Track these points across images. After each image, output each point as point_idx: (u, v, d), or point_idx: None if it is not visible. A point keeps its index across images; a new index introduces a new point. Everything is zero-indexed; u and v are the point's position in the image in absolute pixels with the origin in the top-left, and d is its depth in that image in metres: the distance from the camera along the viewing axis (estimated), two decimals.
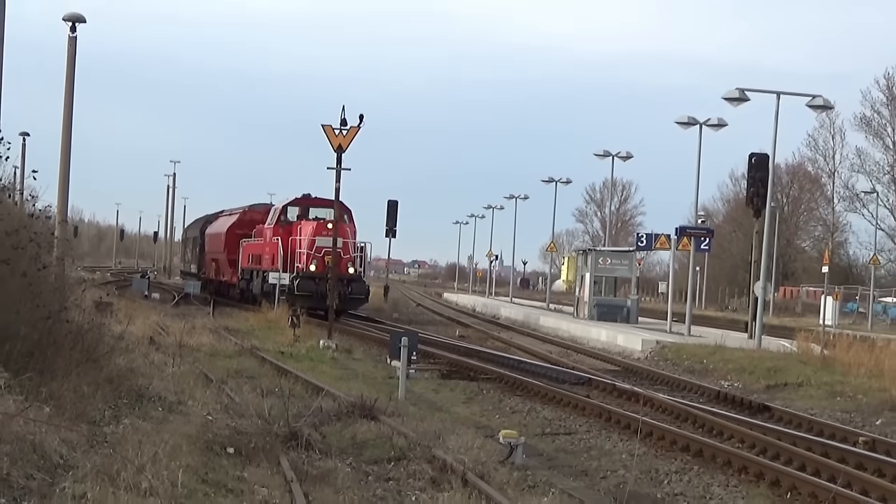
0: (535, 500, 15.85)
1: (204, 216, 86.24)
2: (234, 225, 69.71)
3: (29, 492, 11.94)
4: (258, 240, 63.64)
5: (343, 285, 53.28)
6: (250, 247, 64.81)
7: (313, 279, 54.01)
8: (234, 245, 67.59)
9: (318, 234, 55.40)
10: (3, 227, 19.49)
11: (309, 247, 54.59)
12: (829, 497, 17.79)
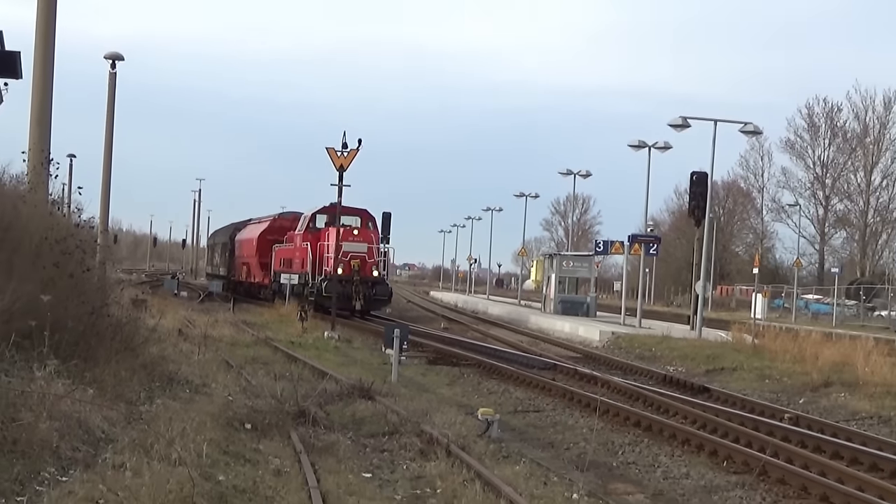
0: (508, 469, 15.81)
1: (231, 224, 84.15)
2: (266, 231, 67.18)
3: (75, 462, 11.90)
4: (289, 245, 61.23)
5: (368, 287, 52.77)
6: (282, 251, 62.39)
7: (340, 282, 50.38)
8: (266, 250, 65.29)
9: (344, 239, 52.16)
10: (53, 236, 19.48)
11: (336, 251, 50.81)
12: (759, 465, 17.80)
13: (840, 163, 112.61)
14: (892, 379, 30.11)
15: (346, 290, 51.17)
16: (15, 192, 22.09)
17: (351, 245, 52.66)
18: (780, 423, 22.56)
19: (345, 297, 50.63)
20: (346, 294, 51.04)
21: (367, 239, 54.50)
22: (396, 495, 14.09)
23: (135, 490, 11.01)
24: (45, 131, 23.70)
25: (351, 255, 52.44)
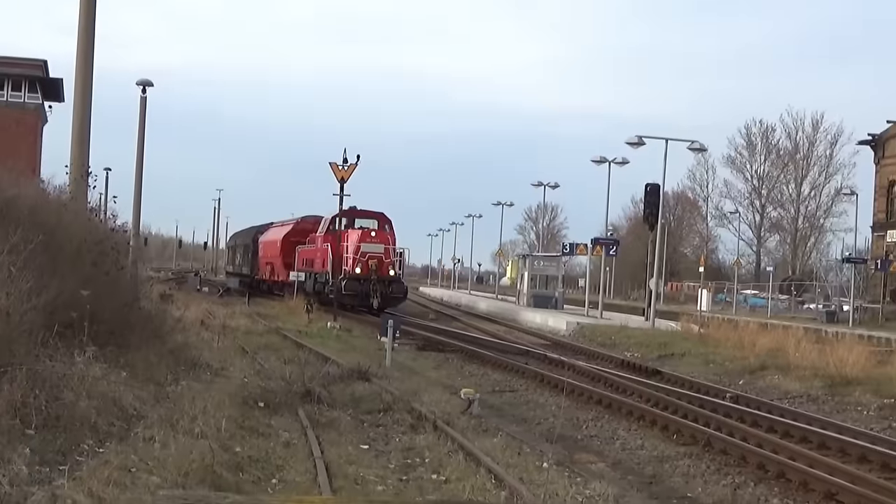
0: (487, 441, 15.81)
1: (252, 227, 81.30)
2: (289, 233, 63.15)
3: (110, 435, 11.88)
4: (311, 246, 57.50)
5: (385, 286, 49.72)
6: (304, 252, 58.57)
7: (358, 280, 48.58)
8: (290, 250, 61.13)
9: (363, 241, 50.03)
10: (91, 239, 19.47)
11: (355, 252, 49.04)
12: (704, 437, 17.85)
13: (774, 176, 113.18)
14: (819, 363, 30.16)
15: (365, 288, 48.74)
16: (58, 201, 22.06)
17: (369, 246, 50.12)
18: (722, 401, 22.60)
19: (363, 296, 48.63)
20: (365, 292, 48.68)
21: (384, 240, 51.47)
22: (390, 464, 14.09)
23: (163, 460, 11.02)
24: (84, 148, 23.67)
25: (369, 255, 49.75)
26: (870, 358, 30.84)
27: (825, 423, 19.98)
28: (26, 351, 12.31)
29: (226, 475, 11.47)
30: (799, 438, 18.05)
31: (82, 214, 22.01)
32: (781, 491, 14.44)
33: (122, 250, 23.05)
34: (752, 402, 22.93)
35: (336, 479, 12.45)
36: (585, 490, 12.96)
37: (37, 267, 14.10)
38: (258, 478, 12.11)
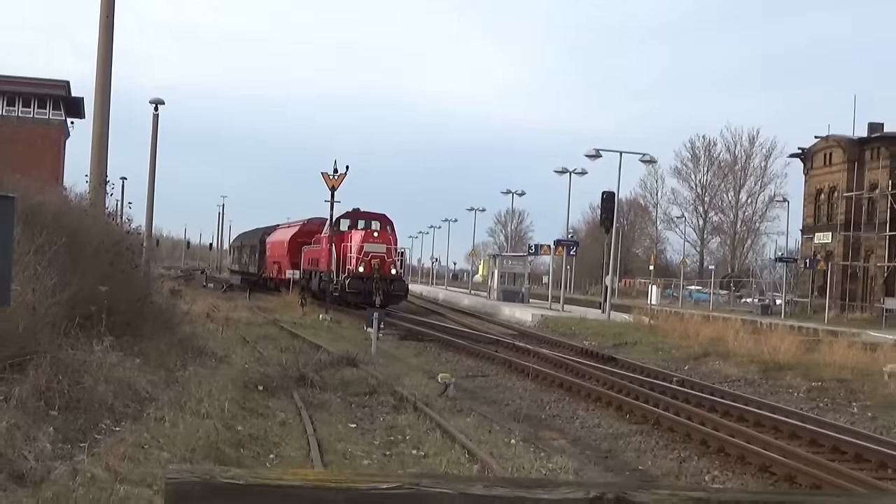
0: (461, 420, 15.82)
1: (259, 228, 78.84)
2: (296, 234, 59.64)
3: (126, 415, 11.86)
4: (316, 246, 53.71)
5: (387, 284, 46.47)
6: (310, 252, 54.95)
7: (361, 279, 45.70)
8: (296, 250, 57.80)
9: (365, 241, 47.02)
10: (109, 240, 19.47)
11: (358, 252, 46.01)
12: (654, 417, 17.90)
13: (715, 185, 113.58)
14: (755, 351, 30.30)
15: (368, 286, 45.66)
16: (79, 207, 22.05)
17: (372, 246, 46.94)
18: (669, 384, 22.66)
19: (366, 293, 45.35)
20: (368, 290, 45.50)
21: (385, 241, 48.31)
22: (375, 441, 14.09)
23: (172, 437, 11.01)
24: (102, 159, 23.65)
25: (372, 255, 46.58)
26: (799, 346, 31.01)
27: (760, 403, 20.08)
28: (50, 340, 12.29)
29: (228, 451, 11.48)
30: (737, 417, 18.12)
31: (100, 219, 22.04)
32: (721, 464, 14.51)
33: (136, 251, 23.14)
34: (695, 385, 23.00)
35: (327, 455, 12.46)
36: (548, 463, 12.99)
37: (60, 266, 14.06)
38: (257, 453, 12.11)
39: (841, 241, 73.54)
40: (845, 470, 13.45)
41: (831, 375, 25.66)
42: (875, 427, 18.32)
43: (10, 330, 11.13)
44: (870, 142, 72.84)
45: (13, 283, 9.35)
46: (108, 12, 23.18)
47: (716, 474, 13.98)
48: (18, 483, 8.01)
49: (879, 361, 26.83)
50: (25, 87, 73.51)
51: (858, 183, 72.75)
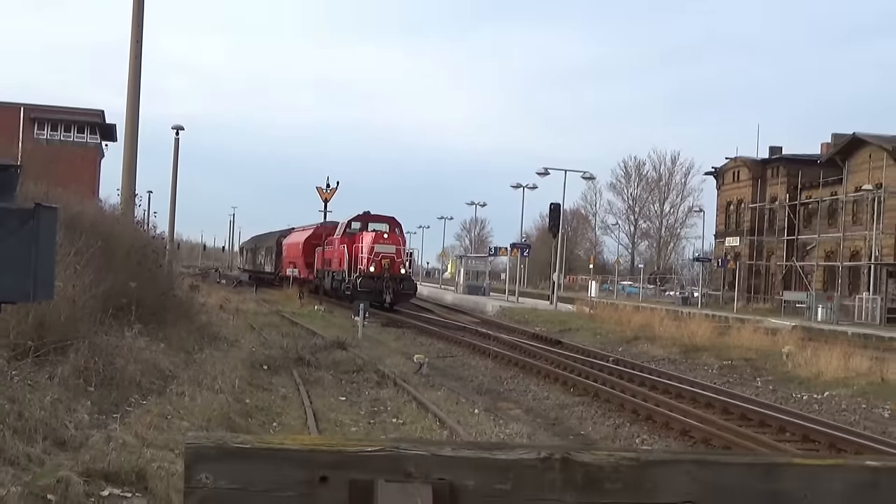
0: (433, 393, 15.84)
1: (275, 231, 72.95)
2: (310, 237, 55.04)
3: (152, 391, 11.81)
4: (328, 248, 49.35)
5: (396, 283, 41.93)
6: (323, 253, 50.62)
7: (372, 278, 41.16)
8: (310, 252, 53.82)
9: (376, 242, 42.45)
10: (137, 244, 19.43)
11: (369, 252, 41.60)
12: (593, 390, 17.97)
13: (644, 197, 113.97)
14: (677, 335, 30.49)
15: (378, 285, 41.20)
16: (112, 216, 21.94)
17: (382, 247, 42.31)
18: (606, 363, 22.76)
19: (377, 292, 40.68)
20: (378, 289, 41.01)
21: (395, 242, 43.82)
22: (361, 411, 14.08)
23: (191, 409, 10.96)
24: (131, 176, 23.53)
25: (382, 255, 41.91)
26: (713, 331, 31.25)
27: (681, 379, 20.22)
28: (88, 328, 12.24)
29: (238, 420, 11.45)
30: (662, 390, 18.24)
31: (130, 226, 21.96)
32: (649, 429, 14.60)
33: (160, 252, 23.09)
34: (627, 364, 23.13)
35: (321, 423, 12.44)
36: (506, 429, 13.01)
37: (96, 265, 13.98)
38: (263, 422, 12.07)
39: (747, 244, 74.11)
40: (751, 433, 13.56)
41: (739, 355, 25.86)
42: (775, 398, 18.50)
43: (54, 319, 11.06)
44: (770, 162, 73.59)
45: (56, 279, 9.30)
46: (136, 54, 23.12)
47: (645, 437, 14.07)
48: (61, 448, 7.95)
49: (779, 344, 27.05)
50: (67, 116, 73.72)
51: (761, 196, 73.36)
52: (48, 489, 6.56)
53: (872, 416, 16.50)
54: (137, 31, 22.96)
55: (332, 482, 1.75)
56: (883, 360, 22.04)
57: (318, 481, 1.75)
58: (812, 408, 17.29)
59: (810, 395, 19.07)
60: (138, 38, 23.02)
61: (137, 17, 22.85)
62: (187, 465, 1.75)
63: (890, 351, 25.58)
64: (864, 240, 60.30)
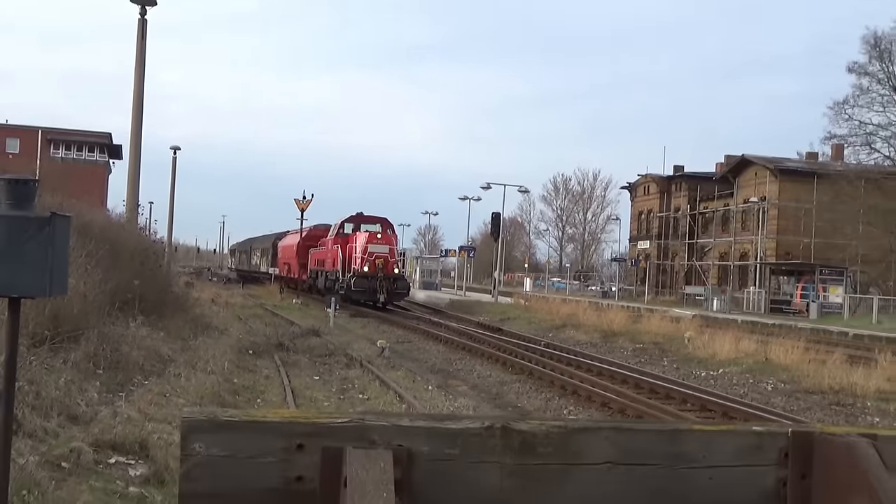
0: (394, 373, 15.80)
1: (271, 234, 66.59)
2: (304, 238, 49.53)
3: (153, 373, 11.66)
4: (321, 248, 44.42)
5: (390, 282, 37.17)
6: (317, 254, 45.58)
7: (366, 278, 36.45)
8: (304, 252, 48.06)
9: (370, 242, 37.48)
10: (140, 247, 19.20)
11: (363, 252, 36.88)
12: (528, 369, 18.01)
13: (570, 208, 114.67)
14: (598, 322, 30.73)
15: (372, 284, 36.49)
16: (118, 223, 21.63)
17: (375, 247, 37.27)
18: (539, 346, 22.83)
19: (370, 291, 36.55)
20: (372, 288, 36.48)
21: (388, 241, 38.39)
22: (332, 388, 13.99)
23: (186, 388, 10.85)
24: (135, 189, 23.18)
25: (376, 255, 37.02)
26: (627, 319, 31.54)
27: (601, 359, 20.32)
28: (97, 319, 12.05)
29: (227, 397, 11.34)
30: (586, 369, 18.34)
31: (134, 232, 21.68)
32: (575, 402, 14.66)
33: (160, 254, 22.88)
34: (556, 347, 23.20)
35: (298, 399, 12.35)
36: (455, 403, 13.03)
37: (104, 265, 13.77)
38: (248, 398, 11.96)
39: (655, 246, 75.01)
40: (659, 405, 13.68)
41: (649, 339, 26.13)
42: (679, 375, 18.69)
43: (67, 312, 10.87)
44: (674, 178, 74.58)
45: (70, 277, 9.14)
46: (139, 84, 22.80)
47: (571, 409, 14.13)
48: (73, 422, 7.83)
49: (681, 329, 27.39)
50: (79, 137, 73.21)
51: (667, 206, 74.29)
52: (62, 458, 6.47)
53: (758, 389, 16.75)
54: (140, 65, 22.66)
55: (308, 449, 1.74)
56: (767, 342, 22.39)
57: (295, 448, 1.74)
58: (709, 383, 17.48)
59: (707, 372, 19.31)
60: (141, 71, 22.74)
61: (140, 53, 22.55)
62: (183, 436, 1.74)
63: (772, 335, 26.00)
64: (751, 243, 61.36)
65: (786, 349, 20.52)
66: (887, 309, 44.45)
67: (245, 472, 1.73)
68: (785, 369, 18.65)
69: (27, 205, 3.77)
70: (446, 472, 1.78)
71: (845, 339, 29.34)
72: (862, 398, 15.44)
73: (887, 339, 27.05)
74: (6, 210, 3.74)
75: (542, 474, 1.81)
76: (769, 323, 34.94)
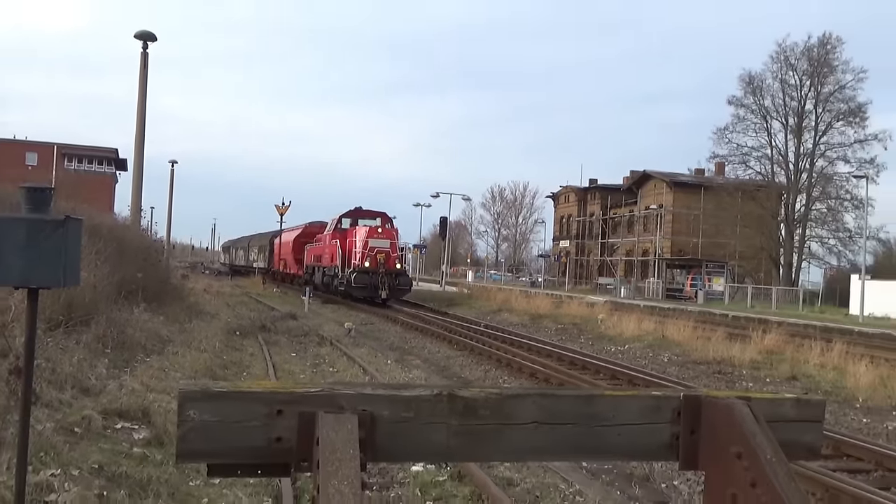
0: (358, 350, 15.70)
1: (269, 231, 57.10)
2: (299, 235, 43.36)
3: (154, 351, 11.43)
4: (318, 244, 38.09)
5: (392, 278, 31.26)
6: (313, 250, 38.98)
7: (367, 273, 30.74)
8: (300, 249, 42.06)
9: (370, 236, 31.43)
10: (142, 245, 18.83)
11: (363, 247, 31.06)
12: (470, 346, 18.03)
13: (505, 213, 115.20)
14: (527, 307, 30.96)
15: (373, 280, 30.64)
16: (124, 225, 21.15)
17: (376, 241, 31.27)
18: (479, 327, 22.90)
19: (372, 287, 30.71)
20: (374, 284, 30.65)
21: (389, 236, 32.14)
22: (307, 363, 13.85)
23: (182, 363, 10.67)
24: (138, 196, 22.67)
25: (377, 250, 31.04)
26: (551, 304, 31.84)
27: (530, 337, 20.44)
28: (105, 306, 11.78)
29: (218, 371, 11.16)
30: (517, 345, 18.44)
31: (137, 232, 21.25)
32: (508, 372, 14.73)
33: (160, 251, 22.48)
34: (494, 328, 23.29)
35: (278, 372, 12.21)
36: (409, 374, 13.01)
37: (111, 261, 13.46)
38: (236, 372, 11.78)
39: (574, 245, 75.83)
40: (577, 374, 13.84)
41: (569, 321, 26.41)
42: (593, 350, 18.90)
43: (80, 300, 10.61)
44: (590, 189, 75.53)
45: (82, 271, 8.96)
46: (142, 104, 22.30)
47: (505, 378, 14.20)
48: (85, 394, 7.64)
49: (595, 313, 27.75)
50: (90, 152, 71.95)
51: (584, 212, 75.18)
52: (75, 424, 6.32)
53: (657, 361, 17.04)
54: (143, 91, 22.17)
55: (286, 414, 1.73)
56: (663, 323, 22.79)
57: (275, 414, 1.73)
58: (617, 356, 17.71)
59: (616, 347, 19.57)
60: (143, 96, 22.25)
61: (143, 81, 22.08)
62: (180, 404, 1.71)
63: (668, 317, 26.47)
64: (651, 242, 62.45)
65: (678, 328, 20.93)
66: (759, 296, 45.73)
67: (233, 435, 1.72)
68: (678, 344, 19.00)
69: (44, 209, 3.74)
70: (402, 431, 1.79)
71: (726, 320, 30.02)
72: (739, 367, 15.82)
73: (759, 319, 27.78)
74: (26, 213, 3.70)
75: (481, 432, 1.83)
76: (665, 307, 35.59)
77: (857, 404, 12.09)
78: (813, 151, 54.67)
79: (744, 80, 56.96)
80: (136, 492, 5.13)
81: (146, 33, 21.62)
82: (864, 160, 52.48)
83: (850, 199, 52.86)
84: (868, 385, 12.84)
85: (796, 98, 55.33)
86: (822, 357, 15.85)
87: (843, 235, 53.79)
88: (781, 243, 55.03)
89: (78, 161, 70.87)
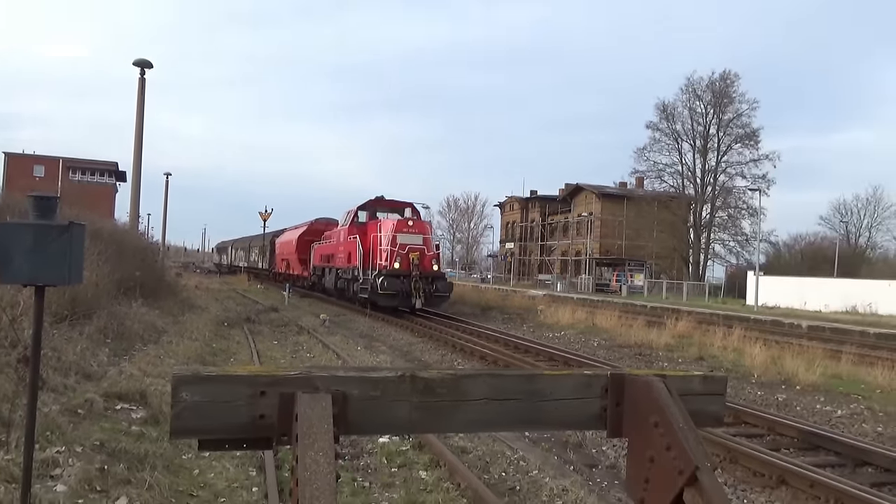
0: (333, 338, 15.52)
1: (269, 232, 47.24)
2: (304, 234, 33.97)
3: (150, 341, 11.16)
4: (327, 242, 28.99)
5: (428, 282, 21.74)
6: (321, 248, 29.76)
7: (398, 277, 21.21)
8: (305, 248, 32.83)
9: (399, 230, 21.59)
10: (140, 247, 18.32)
11: (391, 243, 21.36)
12: (430, 333, 17.91)
13: (459, 219, 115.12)
14: (478, 300, 30.87)
15: (405, 286, 21.33)
16: (124, 229, 20.57)
17: (406, 237, 21.60)
18: (437, 317, 22.70)
19: (404, 295, 21.36)
20: (406, 290, 21.33)
21: (422, 230, 22.29)
22: (287, 349, 13.64)
23: (176, 351, 10.43)
24: (136, 203, 22.07)
25: (409, 247, 21.54)
26: (499, 297, 31.95)
27: (480, 325, 20.35)
28: (106, 301, 11.46)
29: (208, 357, 10.93)
30: (469, 332, 18.38)
31: (135, 236, 20.67)
32: (462, 356, 14.70)
33: (156, 252, 21.87)
34: (448, 317, 23.15)
35: (262, 358, 12.02)
36: (377, 358, 12.92)
37: (112, 261, 13.09)
38: (224, 359, 11.55)
39: (518, 246, 76.42)
40: (521, 357, 13.89)
41: (514, 311, 26.53)
42: (535, 336, 18.98)
43: (83, 296, 10.29)
44: (531, 199, 76.21)
45: (85, 270, 8.72)
46: (140, 123, 21.74)
47: (459, 361, 14.20)
48: (87, 379, 7.42)
49: (536, 304, 27.95)
50: (92, 165, 70.23)
51: (526, 219, 75.79)
52: (79, 406, 6.14)
53: (588, 346, 17.23)
54: (140, 111, 21.61)
55: (268, 394, 1.72)
56: (593, 313, 23.07)
57: (259, 394, 1.72)
58: (555, 342, 17.82)
59: (553, 333, 19.73)
60: (141, 116, 21.69)
61: (140, 102, 21.53)
62: (174, 387, 1.68)
63: (597, 308, 26.82)
64: (583, 244, 63.40)
65: (606, 317, 21.21)
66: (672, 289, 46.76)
67: (221, 413, 1.70)
68: (605, 331, 19.26)
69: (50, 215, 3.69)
70: (371, 408, 1.78)
71: (645, 310, 30.57)
72: (656, 350, 16.11)
73: (672, 309, 28.35)
74: (34, 219, 3.64)
75: (439, 408, 1.84)
76: (595, 299, 36.07)
77: (752, 380, 12.42)
78: (716, 168, 56.55)
79: (659, 108, 58.61)
80: (134, 465, 5.00)
81: (143, 61, 21.11)
82: (757, 176, 54.55)
83: (746, 208, 54.84)
84: (762, 363, 13.20)
85: (702, 123, 57.09)
86: (724, 340, 16.25)
87: (740, 238, 55.82)
88: (690, 245, 56.64)
89: (81, 173, 69.05)
